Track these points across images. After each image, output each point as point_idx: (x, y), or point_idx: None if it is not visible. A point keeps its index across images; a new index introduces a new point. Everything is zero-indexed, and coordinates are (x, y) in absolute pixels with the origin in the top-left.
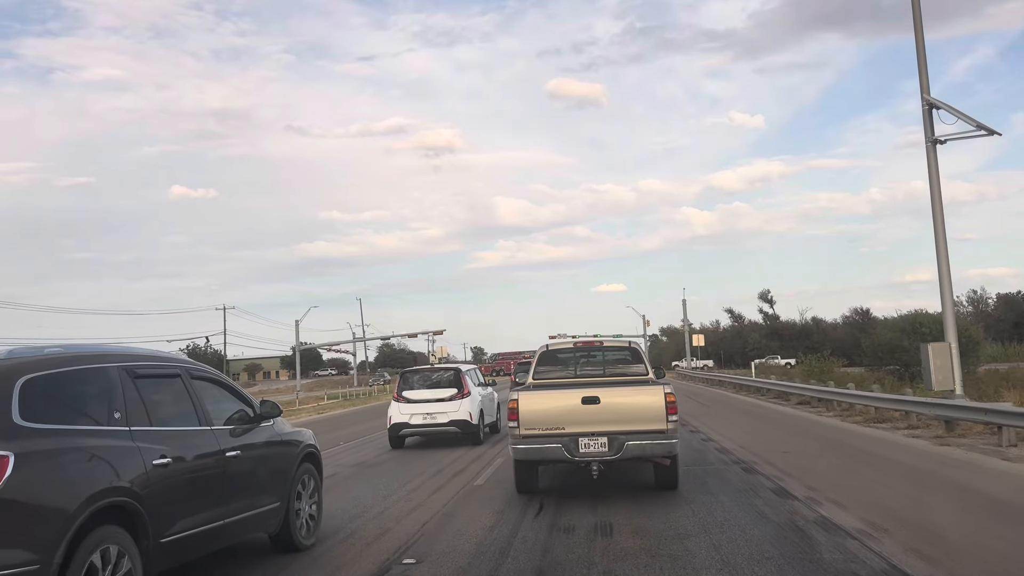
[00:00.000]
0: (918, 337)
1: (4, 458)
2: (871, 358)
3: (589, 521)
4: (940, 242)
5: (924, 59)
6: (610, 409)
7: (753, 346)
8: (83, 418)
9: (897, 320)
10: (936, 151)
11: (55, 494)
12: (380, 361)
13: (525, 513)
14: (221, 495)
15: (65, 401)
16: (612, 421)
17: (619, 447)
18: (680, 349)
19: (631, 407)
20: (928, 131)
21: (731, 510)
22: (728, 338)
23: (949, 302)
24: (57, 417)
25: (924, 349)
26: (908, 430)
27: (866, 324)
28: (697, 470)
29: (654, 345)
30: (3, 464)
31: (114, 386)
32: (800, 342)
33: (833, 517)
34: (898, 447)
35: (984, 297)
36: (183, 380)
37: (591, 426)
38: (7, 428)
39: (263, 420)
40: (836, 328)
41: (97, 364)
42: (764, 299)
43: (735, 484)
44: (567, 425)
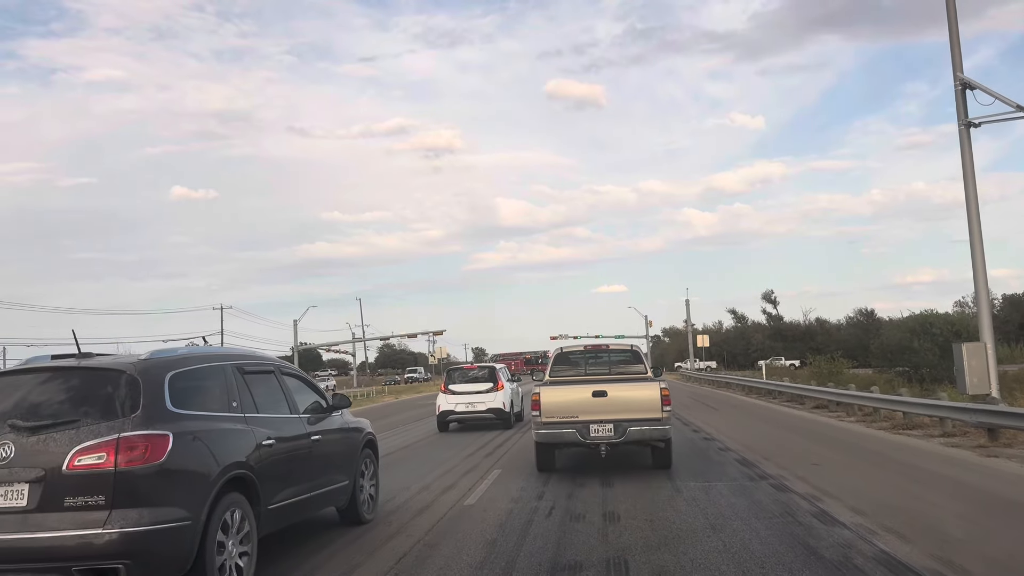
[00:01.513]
0: (928, 338)
1: (165, 436)
2: (879, 359)
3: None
4: (975, 233)
5: (957, 35)
6: (615, 401)
7: (757, 347)
8: (211, 406)
9: (906, 320)
10: (970, 135)
11: (200, 465)
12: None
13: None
14: (308, 472)
15: (198, 392)
16: (617, 411)
17: (623, 432)
18: (682, 350)
19: (633, 399)
20: (961, 113)
21: (771, 543)
22: (731, 339)
23: (985, 299)
24: (194, 404)
25: (957, 349)
26: (944, 438)
27: (870, 325)
28: (721, 487)
29: (656, 346)
30: (165, 441)
31: (230, 380)
32: (804, 343)
33: (896, 553)
34: (941, 459)
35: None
36: (276, 376)
37: (600, 415)
38: (164, 413)
39: (334, 410)
40: (840, 329)
41: (217, 362)
42: (768, 300)
43: (769, 506)
44: (580, 414)
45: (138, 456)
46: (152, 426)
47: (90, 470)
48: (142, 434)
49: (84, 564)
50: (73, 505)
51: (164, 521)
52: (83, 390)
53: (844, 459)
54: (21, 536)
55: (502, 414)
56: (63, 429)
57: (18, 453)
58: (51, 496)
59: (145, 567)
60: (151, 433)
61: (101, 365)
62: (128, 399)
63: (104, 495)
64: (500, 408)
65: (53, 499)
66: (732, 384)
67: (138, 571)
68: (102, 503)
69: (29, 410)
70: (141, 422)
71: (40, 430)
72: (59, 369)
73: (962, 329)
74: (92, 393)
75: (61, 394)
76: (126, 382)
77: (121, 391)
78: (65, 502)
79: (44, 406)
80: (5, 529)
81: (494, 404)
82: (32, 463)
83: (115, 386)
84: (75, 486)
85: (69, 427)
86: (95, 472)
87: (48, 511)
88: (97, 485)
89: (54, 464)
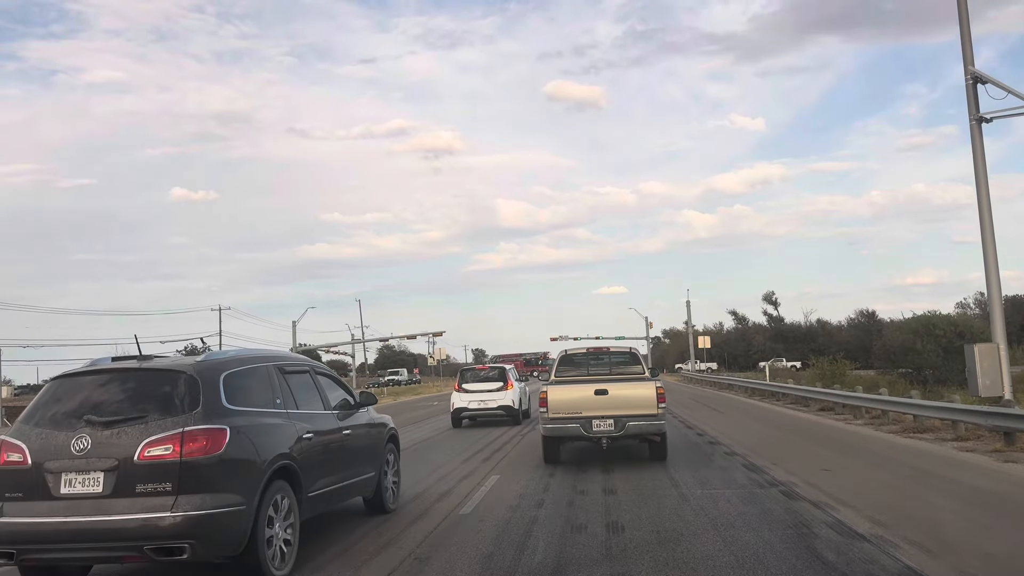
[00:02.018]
0: (931, 339)
1: (223, 430)
2: (882, 361)
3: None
4: (987, 230)
5: (967, 27)
6: (616, 398)
7: (757, 348)
8: (259, 402)
9: (909, 321)
10: (981, 130)
11: (252, 456)
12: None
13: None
14: (341, 463)
15: (247, 390)
16: (617, 407)
17: (622, 426)
18: (683, 351)
19: (631, 397)
20: (972, 108)
21: (787, 558)
22: (732, 340)
23: (997, 297)
24: (245, 401)
25: (969, 350)
26: (957, 442)
27: (872, 326)
28: (729, 494)
29: (656, 347)
30: (223, 435)
31: (273, 379)
32: (805, 344)
33: (924, 569)
34: (957, 465)
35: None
36: (310, 375)
37: (601, 411)
38: (221, 409)
39: (361, 407)
40: (842, 330)
41: (261, 363)
42: (768, 301)
43: (781, 516)
44: (583, 410)
45: (200, 448)
46: (211, 421)
47: (158, 460)
48: (203, 428)
49: (154, 543)
50: (144, 491)
51: (223, 505)
52: (148, 389)
53: (855, 464)
54: (98, 518)
55: (511, 411)
56: (133, 423)
57: (94, 445)
58: (124, 483)
59: (207, 546)
60: (211, 427)
61: (163, 366)
62: (188, 397)
63: (171, 482)
64: (510, 405)
65: (126, 486)
66: (735, 386)
67: (201, 550)
68: (169, 489)
69: (102, 407)
70: (202, 417)
71: (113, 424)
72: (126, 370)
73: (965, 330)
74: (156, 391)
75: (129, 392)
76: (186, 381)
77: (182, 389)
78: (136, 488)
79: (114, 403)
80: (84, 512)
81: (504, 402)
82: (107, 454)
83: (176, 385)
84: (145, 474)
85: (138, 422)
86: (163, 462)
87: (121, 496)
88: (165, 473)
89: (126, 455)
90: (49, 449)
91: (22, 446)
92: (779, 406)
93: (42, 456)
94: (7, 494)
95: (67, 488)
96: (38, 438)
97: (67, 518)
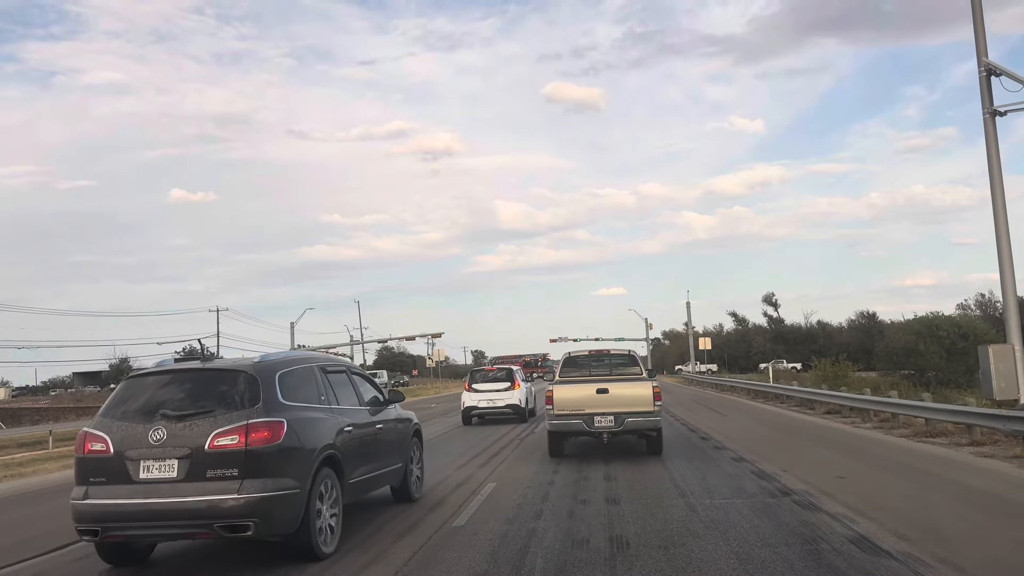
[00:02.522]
0: (934, 341)
1: (281, 422)
2: (884, 362)
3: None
4: (1001, 226)
5: (981, 18)
6: (616, 397)
7: (758, 350)
8: (308, 398)
9: (911, 323)
10: (995, 124)
11: (304, 445)
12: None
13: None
14: (375, 454)
15: (298, 387)
16: (617, 405)
17: (621, 422)
18: (683, 353)
19: (630, 396)
20: (986, 100)
21: None
22: (732, 342)
23: (1012, 296)
24: (297, 397)
25: (983, 351)
26: (973, 447)
27: (872, 328)
28: (740, 504)
29: (656, 349)
30: (281, 427)
31: (318, 378)
32: (806, 346)
33: None
34: (978, 472)
35: (993, 301)
36: (347, 374)
37: (603, 408)
38: (278, 405)
39: (389, 404)
40: (842, 332)
41: (307, 364)
42: (768, 302)
43: (798, 530)
44: (586, 408)
45: (262, 438)
46: (271, 415)
47: (226, 449)
48: (264, 421)
49: (223, 522)
50: (213, 476)
51: (281, 489)
52: (213, 386)
53: (870, 471)
54: (174, 500)
55: (519, 409)
56: (203, 417)
57: (169, 436)
58: (196, 469)
59: (268, 525)
60: (271, 420)
61: (225, 367)
62: (249, 393)
63: (237, 468)
64: (517, 404)
65: (197, 471)
66: (737, 388)
67: (263, 528)
68: (235, 474)
69: (174, 403)
70: (263, 411)
71: (185, 418)
72: (191, 370)
73: (969, 332)
74: (221, 389)
75: (196, 390)
76: (246, 380)
77: (243, 387)
78: (207, 474)
79: (184, 399)
80: (161, 494)
81: (511, 401)
82: (180, 444)
83: (238, 383)
84: (215, 461)
85: (207, 415)
86: (230, 450)
87: (194, 480)
88: (232, 460)
89: (198, 444)
90: (129, 440)
91: (105, 437)
92: (783, 408)
93: (123, 446)
94: (92, 479)
95: (145, 473)
96: (119, 430)
97: (146, 500)
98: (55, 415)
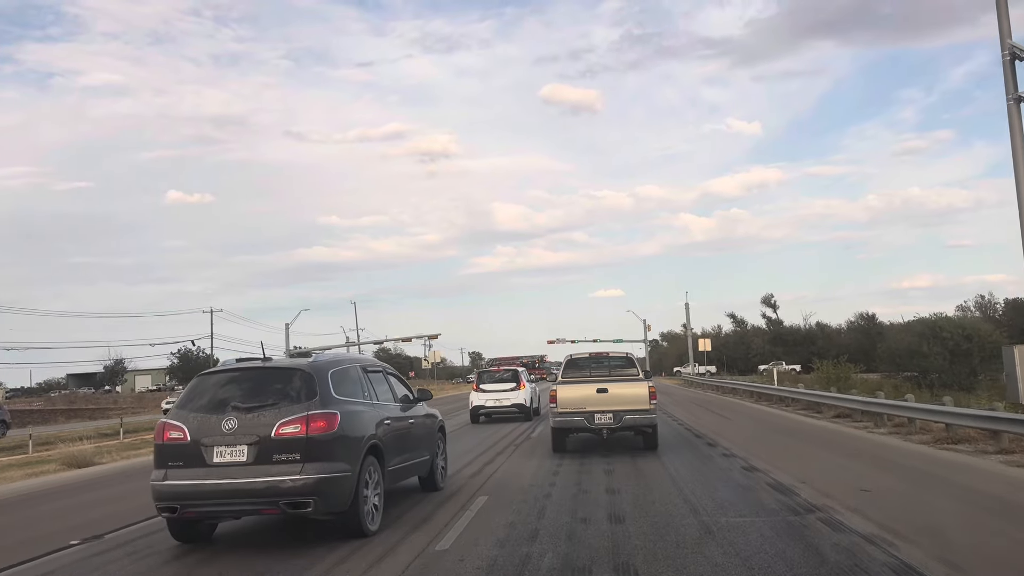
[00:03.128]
0: (938, 342)
1: (335, 414)
2: (886, 364)
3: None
4: None
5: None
6: (614, 396)
7: (757, 352)
8: (354, 394)
9: (913, 324)
10: (1020, 111)
11: (354, 434)
12: None
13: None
14: (408, 446)
15: (346, 384)
16: (616, 403)
17: (620, 419)
18: (681, 355)
19: (628, 395)
20: (1010, 86)
21: None
22: (731, 343)
23: None
24: (346, 393)
25: (1008, 353)
26: (1003, 455)
27: (872, 329)
28: (760, 523)
29: (655, 350)
30: (336, 418)
31: (360, 376)
32: (805, 348)
33: None
34: (1011, 484)
35: (992, 302)
36: (383, 374)
37: (602, 406)
38: (332, 399)
39: (419, 401)
40: (841, 333)
41: (352, 363)
42: (767, 304)
43: (830, 556)
44: (587, 406)
45: (320, 427)
46: (327, 407)
47: (290, 436)
48: (322, 412)
49: (287, 499)
50: (278, 460)
51: (337, 472)
52: (275, 382)
53: (896, 483)
54: (245, 480)
55: (524, 408)
56: (268, 409)
57: (240, 425)
58: (263, 454)
59: (325, 503)
60: (328, 412)
61: (285, 365)
62: (306, 389)
63: (299, 453)
64: (522, 403)
65: (265, 456)
66: (739, 390)
67: (321, 505)
68: (298, 459)
69: (242, 396)
70: (320, 404)
71: (253, 410)
72: (254, 368)
73: (973, 333)
74: (281, 385)
75: (260, 385)
76: (304, 377)
77: (301, 383)
78: (273, 458)
79: (251, 394)
80: (233, 476)
81: (517, 400)
82: (249, 432)
83: (296, 380)
84: (280, 447)
85: (272, 407)
86: (293, 438)
87: (262, 464)
88: (294, 446)
89: (265, 432)
90: (204, 428)
91: (182, 426)
92: (789, 412)
93: (199, 434)
94: (170, 463)
95: (219, 458)
96: (194, 420)
97: (220, 480)
98: (46, 417)
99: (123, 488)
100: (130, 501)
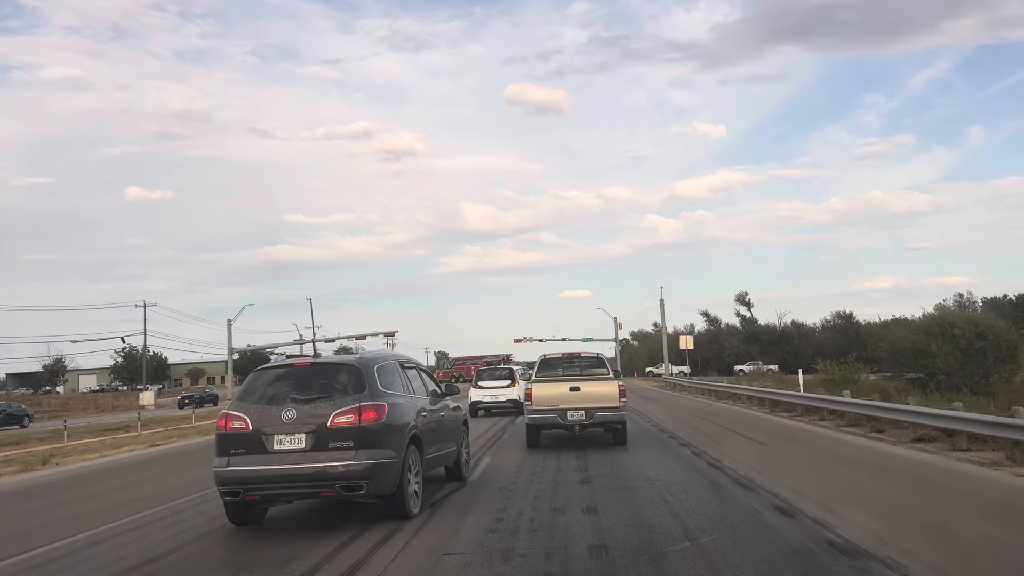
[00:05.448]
0: (947, 340)
1: (383, 405)
2: (889, 364)
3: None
4: None
5: None
6: (586, 394)
7: (731, 351)
8: (396, 387)
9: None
10: None
11: (399, 423)
12: None
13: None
14: (439, 437)
15: (388, 378)
16: (587, 401)
17: (591, 416)
18: (653, 354)
19: (598, 393)
20: None
21: None
22: (704, 343)
23: None
24: (388, 386)
25: None
26: None
27: (849, 328)
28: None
29: (625, 350)
30: (384, 409)
31: (399, 372)
32: (780, 347)
33: None
34: None
35: (971, 302)
36: (417, 370)
37: (575, 404)
38: (379, 392)
39: (446, 396)
40: (816, 332)
41: (392, 360)
42: (742, 302)
43: None
44: (560, 403)
45: (371, 417)
46: (376, 399)
47: (344, 425)
48: (372, 404)
49: (343, 483)
50: (334, 447)
51: (386, 458)
52: (328, 377)
53: (969, 522)
54: (304, 465)
55: (517, 404)
56: (324, 401)
57: (298, 415)
58: (320, 441)
59: (376, 486)
60: (377, 403)
61: (335, 361)
62: (356, 382)
63: (353, 441)
64: (516, 399)
65: (322, 443)
66: (743, 397)
67: (372, 488)
68: (351, 446)
69: (299, 389)
70: (369, 396)
71: (310, 402)
72: (309, 364)
73: (987, 331)
74: (334, 379)
75: (314, 379)
76: (353, 372)
77: (350, 377)
78: (329, 445)
79: (306, 387)
80: (294, 461)
81: (511, 396)
82: (307, 422)
83: (345, 374)
84: (335, 435)
85: (327, 400)
86: (347, 427)
87: (319, 451)
88: (349, 435)
89: (321, 422)
90: (265, 418)
91: (244, 417)
92: (790, 419)
93: (260, 424)
94: (233, 451)
95: (279, 446)
96: (255, 411)
97: (280, 466)
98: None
99: None
100: None
